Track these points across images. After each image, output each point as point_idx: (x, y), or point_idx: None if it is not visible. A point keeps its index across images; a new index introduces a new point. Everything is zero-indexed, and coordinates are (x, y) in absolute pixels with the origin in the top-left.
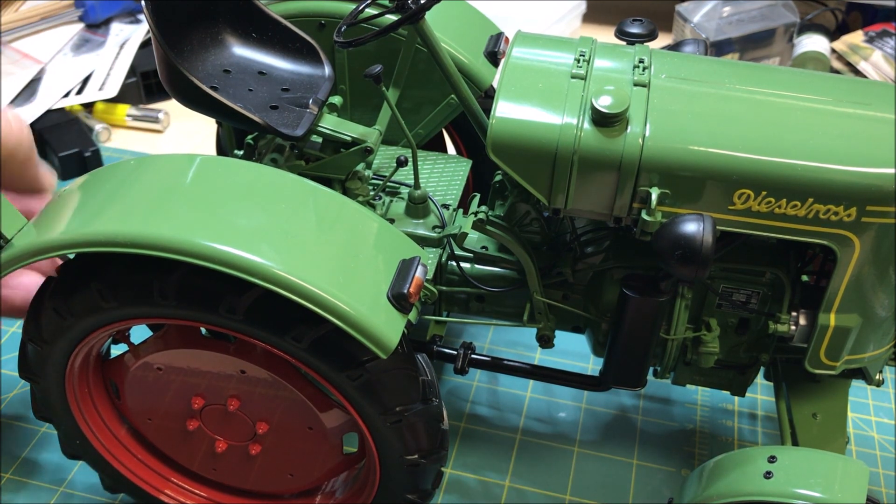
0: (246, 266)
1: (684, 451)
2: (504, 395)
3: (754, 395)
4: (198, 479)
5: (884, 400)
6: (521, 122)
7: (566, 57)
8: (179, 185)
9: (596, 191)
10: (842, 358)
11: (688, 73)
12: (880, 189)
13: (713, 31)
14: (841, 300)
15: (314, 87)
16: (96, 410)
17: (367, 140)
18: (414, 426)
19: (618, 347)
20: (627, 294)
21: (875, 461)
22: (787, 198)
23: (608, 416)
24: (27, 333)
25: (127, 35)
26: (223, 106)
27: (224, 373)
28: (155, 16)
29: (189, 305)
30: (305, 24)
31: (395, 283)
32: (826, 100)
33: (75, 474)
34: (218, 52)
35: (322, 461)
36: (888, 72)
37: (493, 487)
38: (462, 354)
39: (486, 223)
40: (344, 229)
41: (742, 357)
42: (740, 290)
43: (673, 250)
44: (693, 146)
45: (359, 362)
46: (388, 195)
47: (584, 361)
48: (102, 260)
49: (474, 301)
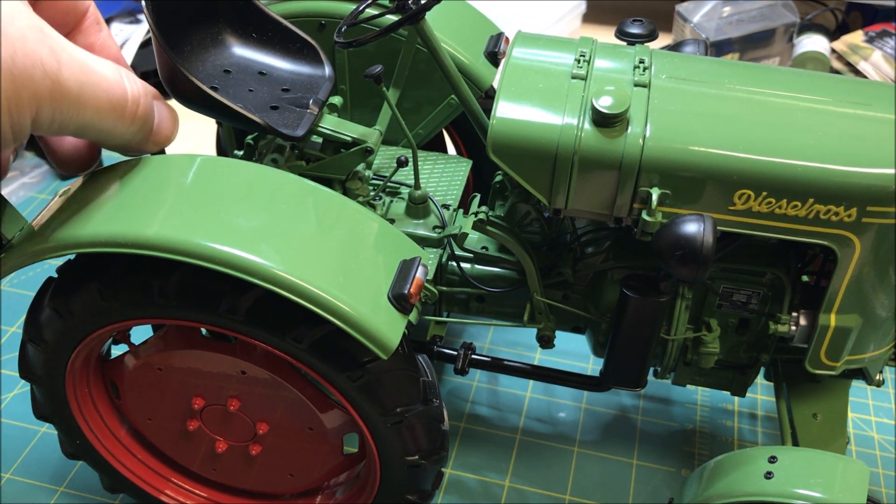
0: (246, 266)
1: (684, 451)
2: (504, 395)
3: (754, 396)
4: (198, 480)
5: (884, 400)
6: (522, 122)
7: (566, 57)
8: (180, 186)
9: (596, 191)
10: (842, 358)
11: (688, 73)
12: (881, 189)
13: (713, 31)
14: (841, 300)
15: (314, 88)
16: (96, 410)
17: (368, 140)
18: (414, 427)
19: (618, 348)
20: (628, 294)
21: (875, 461)
22: (788, 198)
23: (608, 416)
24: (27, 334)
25: (127, 35)
26: (223, 106)
27: (224, 373)
28: (155, 16)
29: (189, 306)
30: (306, 25)
31: (396, 283)
32: (826, 100)
33: (75, 474)
34: (218, 53)
35: (322, 461)
36: (888, 72)
37: (493, 487)
38: (462, 355)
39: (487, 223)
40: (344, 229)
41: (742, 357)
42: (741, 290)
43: (673, 251)
44: (693, 146)
45: (359, 363)
46: (389, 195)
47: (584, 362)
48: (103, 260)
49: (474, 301)
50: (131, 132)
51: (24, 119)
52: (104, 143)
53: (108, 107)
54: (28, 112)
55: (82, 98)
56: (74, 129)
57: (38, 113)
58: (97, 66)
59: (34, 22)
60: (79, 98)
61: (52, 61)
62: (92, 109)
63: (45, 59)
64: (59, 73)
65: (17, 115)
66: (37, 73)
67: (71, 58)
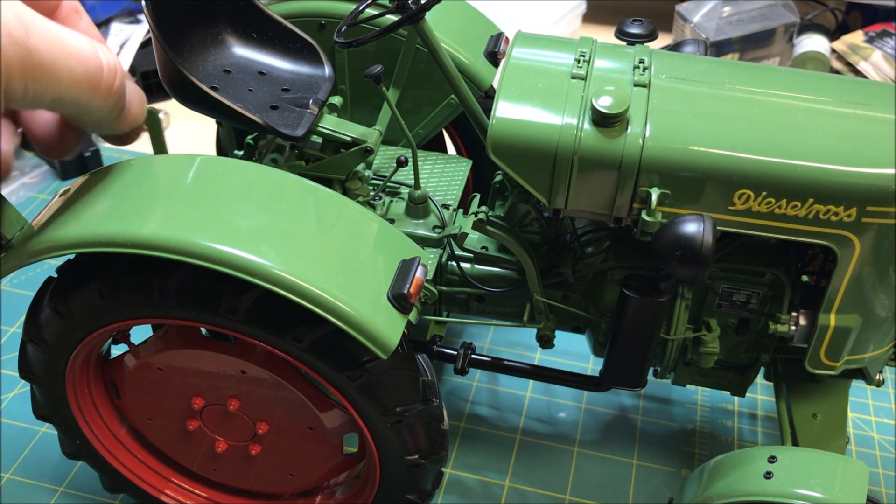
0: (246, 266)
1: (684, 451)
2: (504, 395)
3: (754, 396)
4: (198, 480)
5: (884, 400)
6: (522, 122)
7: (566, 57)
8: (180, 186)
9: (596, 191)
10: (842, 358)
11: (688, 73)
12: (880, 189)
13: (713, 31)
14: (841, 300)
15: (314, 88)
16: (96, 410)
17: (368, 140)
18: (414, 427)
19: (618, 348)
20: (627, 294)
21: (875, 461)
22: (788, 198)
23: (608, 416)
24: (27, 333)
25: (127, 35)
26: (223, 106)
27: (224, 373)
28: (155, 16)
29: (189, 306)
30: (306, 25)
31: (396, 283)
32: (826, 100)
33: (75, 474)
34: (218, 53)
35: (322, 461)
36: (888, 72)
37: (493, 487)
38: (462, 355)
39: (487, 223)
40: (344, 229)
41: (742, 357)
42: (740, 290)
43: (673, 251)
44: (693, 146)
45: (359, 363)
46: (389, 195)
47: (584, 361)
48: (103, 260)
49: (474, 301)
50: (107, 107)
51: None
52: (79, 118)
53: (84, 77)
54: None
55: (56, 68)
56: (49, 102)
57: (9, 83)
58: (70, 37)
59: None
60: (52, 68)
61: (19, 28)
62: (66, 80)
63: (12, 25)
64: (27, 41)
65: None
66: (3, 41)
67: (41, 28)
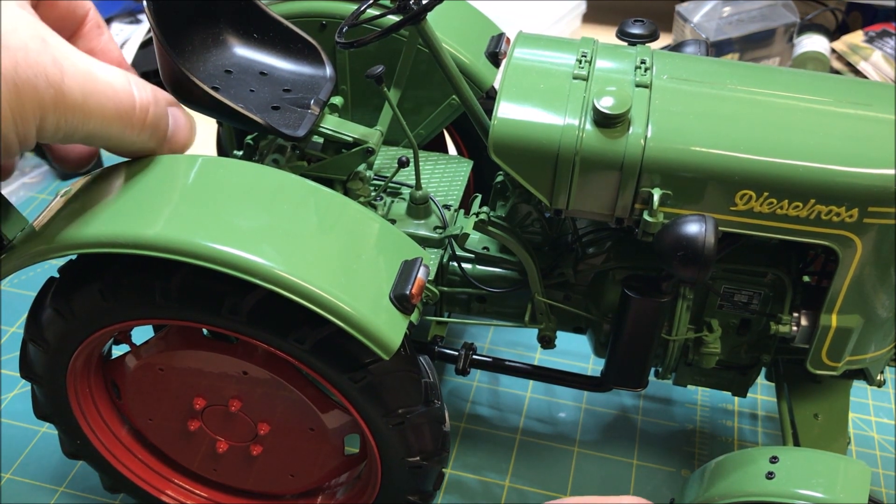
0: (248, 267)
1: (684, 451)
2: (504, 395)
3: (755, 396)
4: (199, 480)
5: (884, 400)
6: (523, 122)
7: (568, 58)
8: (181, 186)
9: (597, 192)
10: (843, 359)
11: (689, 73)
12: (882, 190)
13: (713, 31)
14: (843, 301)
15: (315, 88)
16: (97, 410)
17: (369, 141)
18: (416, 428)
19: (619, 348)
20: (629, 295)
21: (875, 461)
22: (789, 199)
23: (608, 417)
24: (28, 333)
25: (127, 35)
26: (224, 106)
27: (226, 373)
28: (156, 16)
29: (191, 306)
30: (307, 25)
31: (398, 284)
32: (827, 100)
33: (75, 474)
34: (219, 53)
35: (323, 462)
36: (888, 72)
37: (493, 487)
38: (463, 355)
39: (488, 224)
40: (345, 230)
41: (743, 358)
42: (742, 290)
43: (675, 251)
44: (695, 147)
45: (361, 364)
46: (390, 196)
47: (585, 362)
48: (104, 261)
49: (475, 302)
50: (142, 140)
51: (29, 128)
52: (114, 150)
53: (115, 115)
54: (32, 121)
55: (87, 106)
56: (82, 138)
57: (43, 122)
58: (103, 73)
59: (37, 31)
60: (84, 107)
61: (55, 71)
62: (98, 118)
63: (49, 68)
64: (62, 83)
65: (21, 124)
66: (40, 82)
67: (75, 67)
